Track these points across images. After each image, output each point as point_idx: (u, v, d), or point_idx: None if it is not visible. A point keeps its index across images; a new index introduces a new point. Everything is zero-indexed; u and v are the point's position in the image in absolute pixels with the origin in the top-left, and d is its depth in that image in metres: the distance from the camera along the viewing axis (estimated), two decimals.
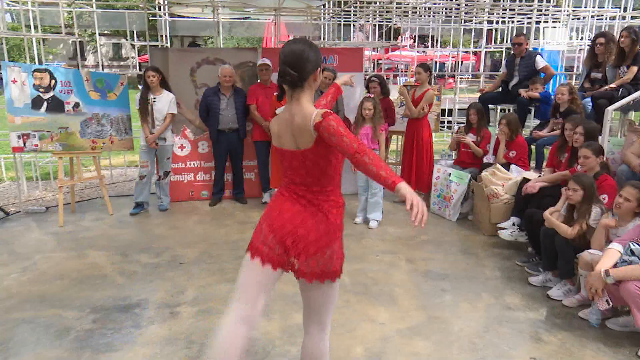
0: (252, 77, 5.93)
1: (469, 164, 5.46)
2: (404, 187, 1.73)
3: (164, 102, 5.25)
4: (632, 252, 2.82)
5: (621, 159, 4.11)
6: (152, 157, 5.39)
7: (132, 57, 11.17)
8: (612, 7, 8.27)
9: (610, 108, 4.11)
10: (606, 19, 8.39)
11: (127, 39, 8.25)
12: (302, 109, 1.89)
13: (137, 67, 9.52)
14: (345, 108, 5.69)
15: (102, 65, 8.83)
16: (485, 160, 5.37)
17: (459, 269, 4.00)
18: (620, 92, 4.96)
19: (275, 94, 5.31)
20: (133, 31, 8.13)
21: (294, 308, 3.27)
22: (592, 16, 7.96)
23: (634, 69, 5.03)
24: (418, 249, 4.45)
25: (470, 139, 5.45)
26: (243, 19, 12.98)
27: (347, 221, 5.20)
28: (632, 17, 8.11)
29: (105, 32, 24.73)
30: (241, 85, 5.82)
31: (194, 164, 5.94)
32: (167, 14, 7.83)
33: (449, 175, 5.28)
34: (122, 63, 27.40)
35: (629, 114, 5.40)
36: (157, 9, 7.90)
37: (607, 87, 5.14)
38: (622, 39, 5.08)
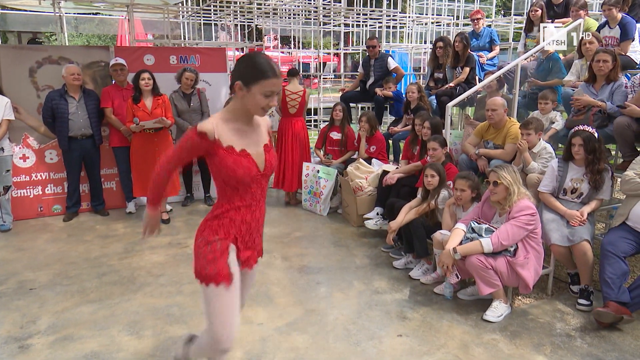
0: (105, 79, 5.45)
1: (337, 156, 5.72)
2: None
3: None
4: (473, 230, 3.24)
5: (461, 149, 4.68)
6: None
7: None
8: (447, 16, 9.39)
9: (449, 104, 4.64)
10: (444, 25, 9.49)
11: None
12: None
13: None
14: (211, 109, 5.55)
15: None
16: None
17: (332, 261, 4.18)
18: (457, 90, 5.64)
19: (132, 96, 4.96)
20: None
21: (167, 321, 3.11)
22: (432, 22, 8.93)
23: (467, 69, 5.77)
24: (293, 245, 4.55)
25: (334, 136, 5.73)
26: (92, 14, 11.87)
27: None
28: (464, 25, 9.30)
29: None
30: (92, 87, 5.32)
31: (41, 175, 5.28)
32: None
33: (318, 172, 5.49)
34: None
35: (466, 109, 6.18)
36: None
37: (447, 85, 5.80)
38: (456, 44, 5.78)
